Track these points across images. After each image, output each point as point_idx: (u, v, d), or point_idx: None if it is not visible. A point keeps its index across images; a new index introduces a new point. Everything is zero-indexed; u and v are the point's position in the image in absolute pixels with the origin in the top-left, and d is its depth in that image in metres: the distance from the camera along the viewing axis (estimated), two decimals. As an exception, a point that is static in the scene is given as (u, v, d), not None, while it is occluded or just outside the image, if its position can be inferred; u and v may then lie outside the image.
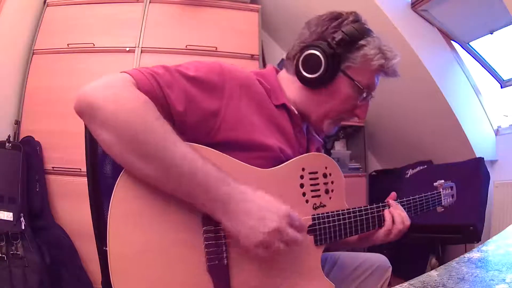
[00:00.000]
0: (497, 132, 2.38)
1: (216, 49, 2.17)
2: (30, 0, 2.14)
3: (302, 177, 0.75)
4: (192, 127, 0.66)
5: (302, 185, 0.75)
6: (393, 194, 0.91)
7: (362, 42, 0.78)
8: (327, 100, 0.82)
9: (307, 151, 0.86)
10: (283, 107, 0.80)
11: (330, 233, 0.76)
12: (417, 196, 0.93)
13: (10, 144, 1.77)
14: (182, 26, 2.21)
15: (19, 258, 1.47)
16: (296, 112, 0.82)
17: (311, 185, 0.76)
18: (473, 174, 2.02)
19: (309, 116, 0.84)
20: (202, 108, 0.66)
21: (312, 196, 0.76)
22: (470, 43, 2.31)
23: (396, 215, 0.83)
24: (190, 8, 2.24)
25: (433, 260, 2.02)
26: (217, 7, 2.26)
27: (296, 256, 0.71)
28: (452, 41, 2.32)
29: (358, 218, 0.80)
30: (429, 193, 0.98)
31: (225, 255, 0.63)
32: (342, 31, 0.77)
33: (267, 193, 0.65)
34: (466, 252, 0.67)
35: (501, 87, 2.38)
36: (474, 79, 2.36)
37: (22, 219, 1.56)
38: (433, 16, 2.21)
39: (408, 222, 0.84)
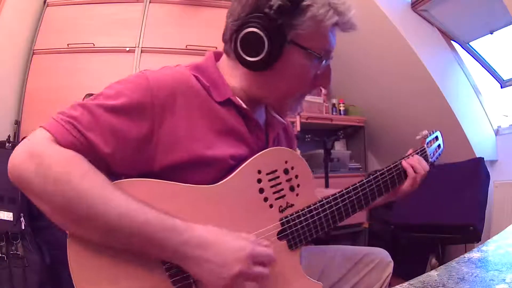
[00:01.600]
0: (497, 132, 2.38)
1: (216, 49, 2.16)
2: (30, 0, 2.14)
3: (259, 181, 0.68)
4: (130, 160, 0.61)
5: (261, 190, 0.68)
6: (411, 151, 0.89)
7: (306, 2, 0.65)
8: (281, 79, 0.70)
9: (267, 141, 0.77)
10: (229, 102, 0.70)
11: (305, 233, 0.71)
12: (392, 164, 0.82)
13: (10, 144, 1.76)
14: (182, 26, 2.21)
15: (19, 258, 1.47)
16: (244, 105, 0.71)
17: (272, 186, 0.69)
18: (473, 174, 2.02)
19: (265, 101, 0.75)
20: (132, 138, 0.60)
21: (276, 199, 0.69)
22: (470, 43, 2.31)
23: (415, 164, 0.83)
24: (190, 8, 2.24)
25: (433, 260, 2.02)
26: (217, 7, 2.26)
27: (272, 269, 0.63)
28: (452, 41, 2.32)
29: (334, 208, 0.73)
30: (410, 155, 0.86)
31: (193, 287, 0.60)
32: None
33: (226, 211, 0.63)
34: (466, 252, 0.67)
35: (501, 87, 2.38)
36: (474, 79, 2.36)
37: (22, 219, 1.55)
38: (433, 16, 2.21)
39: (427, 167, 0.85)
